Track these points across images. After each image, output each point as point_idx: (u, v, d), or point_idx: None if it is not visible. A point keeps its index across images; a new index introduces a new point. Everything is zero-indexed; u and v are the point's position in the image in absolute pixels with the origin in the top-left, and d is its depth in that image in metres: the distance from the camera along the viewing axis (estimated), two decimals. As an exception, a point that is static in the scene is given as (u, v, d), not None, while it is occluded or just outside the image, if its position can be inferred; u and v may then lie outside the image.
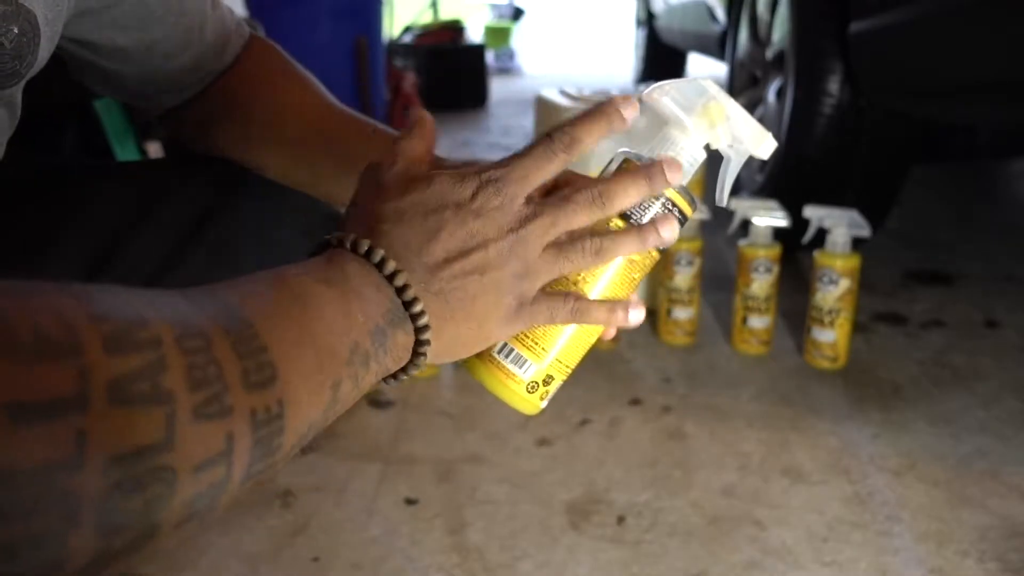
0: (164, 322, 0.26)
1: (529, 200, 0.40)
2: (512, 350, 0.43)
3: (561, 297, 0.41)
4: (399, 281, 0.36)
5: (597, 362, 1.24)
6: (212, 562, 0.81)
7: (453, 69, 4.07)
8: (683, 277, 1.24)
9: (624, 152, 0.46)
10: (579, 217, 0.40)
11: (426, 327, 0.37)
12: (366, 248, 0.37)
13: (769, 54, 1.74)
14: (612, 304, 0.43)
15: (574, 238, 0.40)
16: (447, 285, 0.38)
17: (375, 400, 1.12)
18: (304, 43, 3.03)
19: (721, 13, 2.37)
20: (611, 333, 0.45)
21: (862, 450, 0.99)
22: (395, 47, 4.20)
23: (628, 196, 0.41)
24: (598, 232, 0.41)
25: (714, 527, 0.85)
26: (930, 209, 2.06)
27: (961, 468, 0.95)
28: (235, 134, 0.60)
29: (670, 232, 0.42)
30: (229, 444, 0.27)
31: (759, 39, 1.84)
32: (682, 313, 1.27)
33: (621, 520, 0.86)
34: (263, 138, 0.60)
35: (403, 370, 0.39)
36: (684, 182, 0.45)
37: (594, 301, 0.42)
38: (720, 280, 1.53)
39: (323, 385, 0.32)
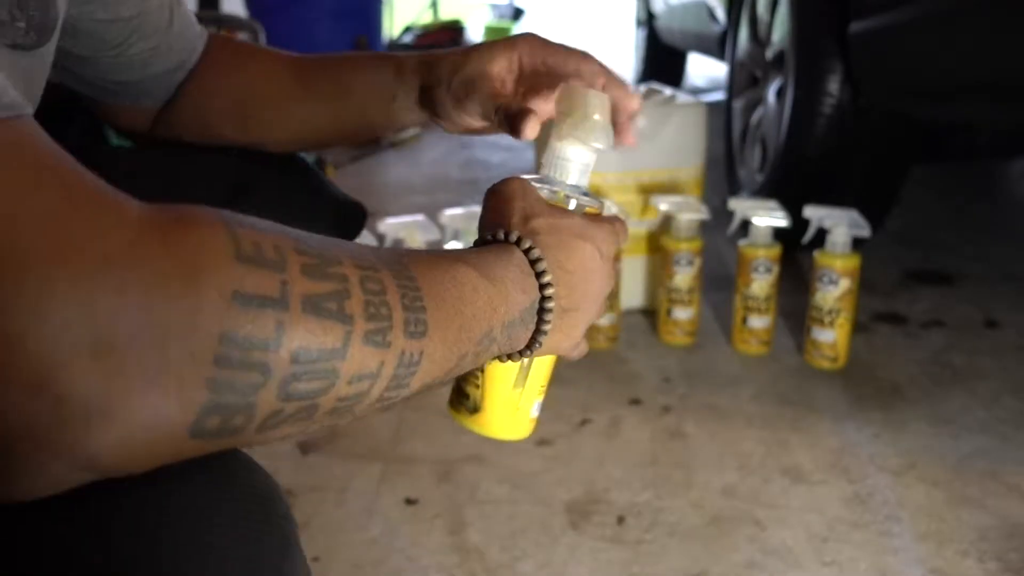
0: (352, 264, 0.32)
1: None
2: (536, 402, 0.54)
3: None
4: (548, 292, 0.43)
5: (597, 362, 1.24)
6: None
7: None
8: (683, 277, 1.24)
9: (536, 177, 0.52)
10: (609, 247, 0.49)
11: (545, 333, 0.44)
12: (536, 256, 0.43)
13: (769, 54, 1.74)
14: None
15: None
16: (573, 308, 0.45)
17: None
18: (304, 43, 3.03)
19: (721, 13, 2.37)
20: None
21: (862, 450, 0.99)
22: (395, 47, 4.20)
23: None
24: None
25: (714, 527, 0.85)
26: (930, 209, 2.06)
27: (961, 468, 0.95)
28: (239, 116, 0.61)
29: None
30: (379, 369, 0.33)
31: (759, 39, 1.84)
32: (682, 313, 1.27)
33: (621, 520, 0.86)
34: (251, 113, 0.62)
35: (509, 356, 0.45)
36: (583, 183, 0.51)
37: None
38: (720, 280, 1.53)
39: (453, 352, 0.38)
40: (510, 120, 0.52)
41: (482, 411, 0.53)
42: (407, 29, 4.47)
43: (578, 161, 0.50)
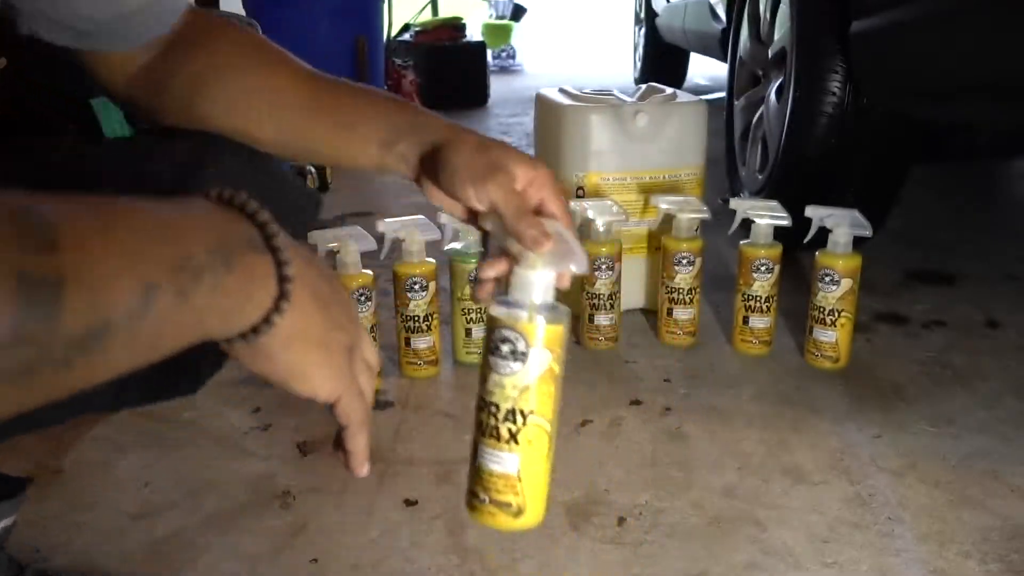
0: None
1: None
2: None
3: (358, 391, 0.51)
4: (261, 216, 0.37)
5: (597, 362, 1.23)
6: (210, 563, 0.81)
7: (453, 68, 4.06)
8: (683, 277, 1.24)
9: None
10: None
11: (289, 277, 0.38)
12: (229, 194, 0.37)
13: (770, 53, 1.73)
14: (363, 450, 0.53)
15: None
16: (312, 278, 0.41)
17: (375, 400, 1.12)
18: (304, 42, 3.02)
19: (723, 11, 2.36)
20: None
21: (863, 450, 0.98)
22: (395, 45, 4.19)
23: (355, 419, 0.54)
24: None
25: (714, 528, 0.85)
26: (931, 209, 2.05)
27: (962, 468, 0.95)
28: (223, 100, 0.60)
29: None
30: None
31: (760, 38, 1.84)
32: (682, 313, 1.26)
33: (621, 521, 0.86)
34: (254, 106, 0.61)
35: (258, 329, 0.38)
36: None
37: (362, 430, 0.53)
38: (721, 280, 1.52)
39: (126, 281, 0.31)
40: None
41: (527, 509, 0.58)
42: (407, 27, 4.46)
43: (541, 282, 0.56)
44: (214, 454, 1.00)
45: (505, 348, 0.56)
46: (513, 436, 0.56)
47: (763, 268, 1.19)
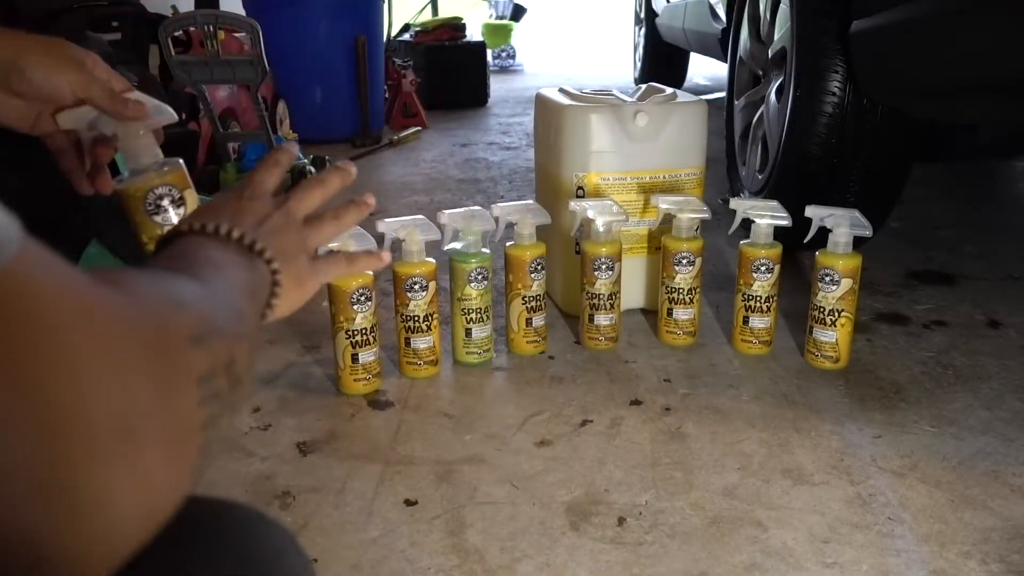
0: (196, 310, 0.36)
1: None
2: None
3: (333, 255, 0.59)
4: (235, 234, 0.48)
5: (597, 362, 1.23)
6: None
7: (453, 67, 4.06)
8: (684, 277, 1.24)
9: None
10: (310, 198, 0.57)
11: (272, 259, 0.49)
12: (205, 225, 0.47)
13: (770, 53, 1.73)
14: (368, 252, 0.63)
15: (318, 214, 0.58)
16: (267, 237, 0.50)
17: (375, 400, 1.12)
18: (303, 42, 3.02)
19: (723, 11, 2.36)
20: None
21: (864, 451, 0.98)
22: (395, 45, 4.19)
23: (332, 179, 0.60)
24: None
25: (715, 528, 0.85)
26: (932, 209, 2.05)
27: (963, 469, 0.94)
28: None
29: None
30: (249, 357, 0.38)
31: (760, 38, 1.84)
32: (683, 313, 1.26)
33: (621, 521, 0.86)
34: None
35: (270, 302, 0.50)
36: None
37: (359, 254, 0.62)
38: (721, 280, 1.52)
39: (250, 313, 0.43)
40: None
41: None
42: (407, 27, 4.46)
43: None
44: (214, 454, 1.00)
45: (166, 202, 0.68)
46: None
47: (763, 268, 1.19)
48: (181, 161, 0.71)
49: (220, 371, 0.34)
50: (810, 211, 1.17)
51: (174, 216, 0.68)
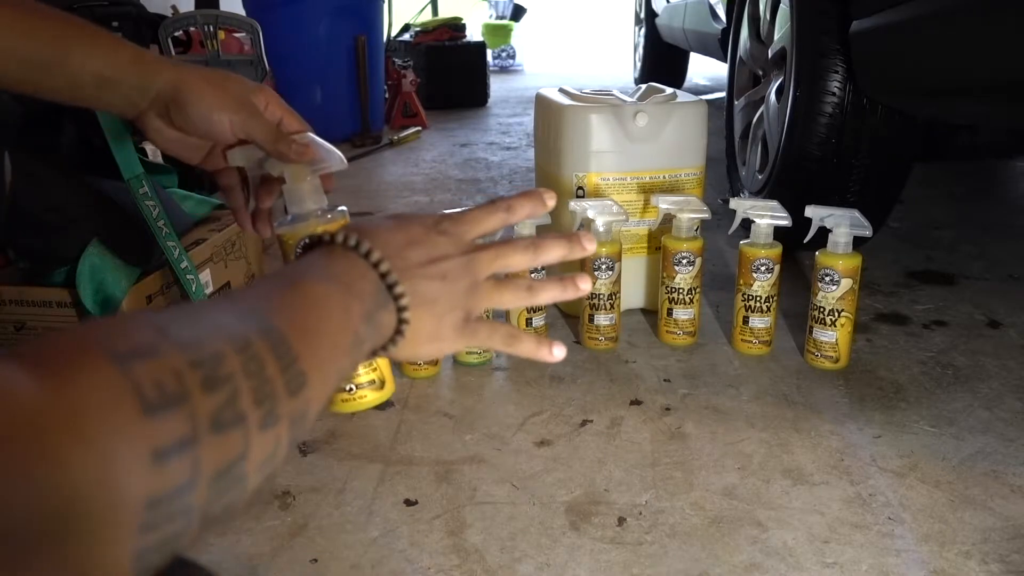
0: (231, 348, 0.31)
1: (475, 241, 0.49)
2: None
3: (500, 323, 0.51)
4: (383, 268, 0.43)
5: (597, 362, 1.23)
6: (210, 563, 0.80)
7: (453, 68, 4.06)
8: (684, 277, 1.24)
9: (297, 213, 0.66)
10: (516, 258, 0.49)
11: (405, 307, 0.44)
12: (355, 241, 0.43)
13: (770, 53, 1.73)
14: (538, 337, 0.52)
15: (511, 278, 0.50)
16: (419, 281, 0.45)
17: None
18: (303, 42, 3.02)
19: (723, 11, 2.36)
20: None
21: (864, 451, 0.98)
22: (395, 45, 4.20)
23: (555, 251, 0.51)
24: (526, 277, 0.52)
25: (715, 528, 0.85)
26: (932, 209, 2.05)
27: (963, 469, 0.94)
28: None
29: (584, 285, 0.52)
30: (277, 444, 0.33)
31: (760, 38, 1.84)
32: (682, 313, 1.26)
33: (621, 521, 0.86)
34: None
35: (383, 347, 0.45)
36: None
37: (525, 331, 0.52)
38: (721, 280, 1.52)
39: (332, 374, 0.38)
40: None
41: (387, 381, 0.63)
42: (407, 27, 4.46)
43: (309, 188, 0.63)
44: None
45: None
46: None
47: (763, 268, 1.19)
48: (345, 210, 0.67)
49: (202, 482, 0.27)
50: (810, 211, 1.17)
51: None
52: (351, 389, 0.66)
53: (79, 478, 0.23)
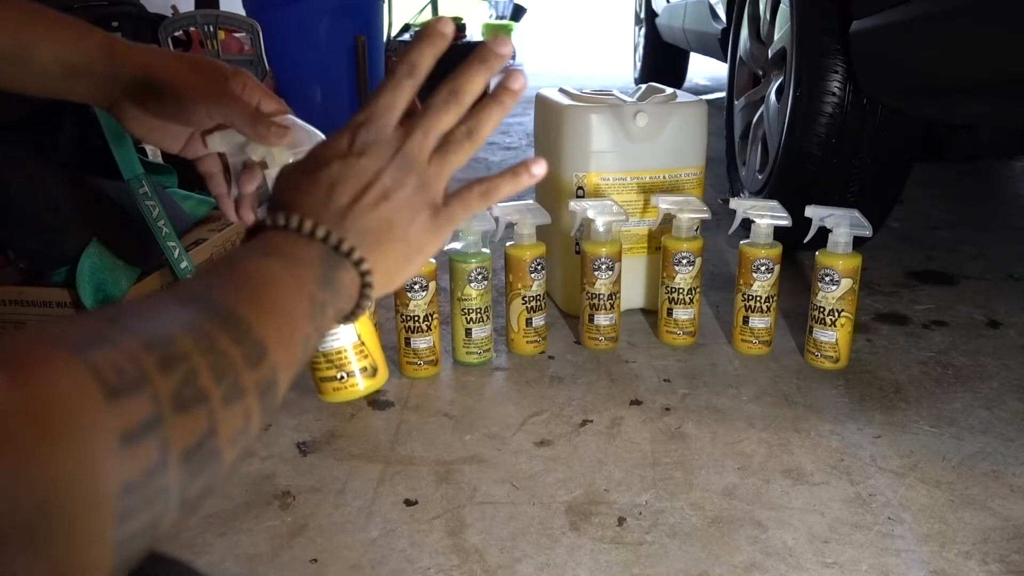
0: (183, 329, 0.31)
1: (397, 127, 0.45)
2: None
3: (467, 188, 0.48)
4: (319, 232, 0.41)
5: (597, 362, 1.23)
6: (210, 563, 0.80)
7: (453, 67, 4.05)
8: (683, 277, 1.24)
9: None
10: (443, 118, 0.45)
11: (362, 259, 0.42)
12: (283, 219, 0.41)
13: (770, 53, 1.73)
14: (514, 170, 0.49)
15: (447, 137, 0.46)
16: (362, 220, 0.43)
17: (375, 400, 1.12)
18: (303, 42, 3.02)
19: (723, 11, 2.36)
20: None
21: (864, 451, 0.98)
22: (395, 45, 4.19)
23: (475, 82, 0.46)
24: (462, 121, 0.47)
25: (715, 528, 0.85)
26: (932, 209, 2.05)
27: (963, 469, 0.94)
28: None
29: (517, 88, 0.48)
30: (248, 417, 0.33)
31: (760, 38, 1.84)
32: (682, 313, 1.26)
33: (621, 521, 0.86)
34: None
35: (358, 306, 0.44)
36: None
37: (497, 176, 0.48)
38: (721, 280, 1.52)
39: (297, 343, 0.38)
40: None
41: (380, 368, 0.64)
42: (407, 27, 4.46)
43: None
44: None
45: None
46: None
47: (763, 268, 1.19)
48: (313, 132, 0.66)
49: (173, 462, 0.27)
50: (810, 211, 1.17)
51: None
52: (342, 377, 0.65)
53: (52, 473, 0.23)
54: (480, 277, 1.18)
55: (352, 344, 0.67)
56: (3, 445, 0.22)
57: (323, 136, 0.59)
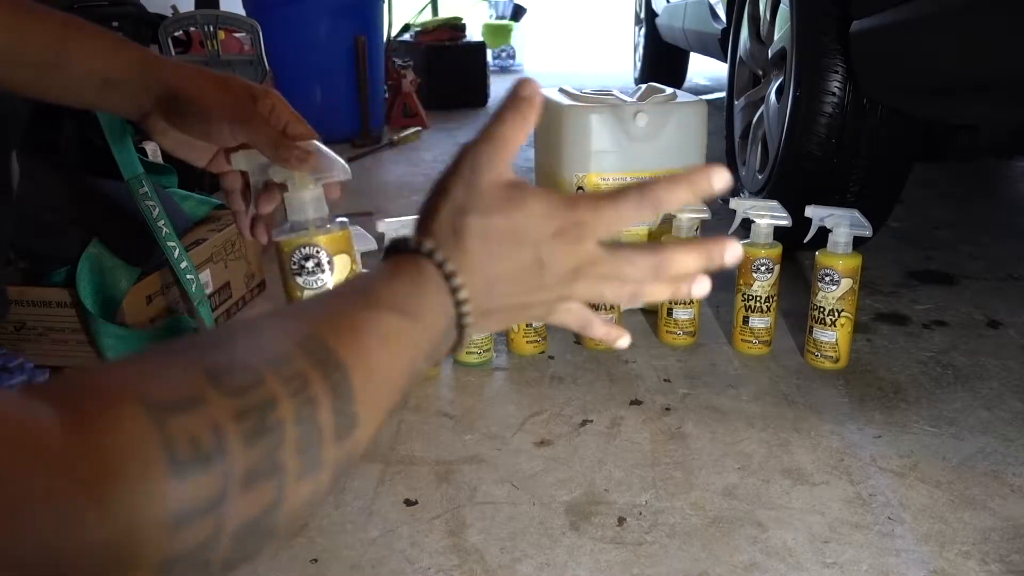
0: (286, 395, 0.29)
1: (597, 243, 0.42)
2: None
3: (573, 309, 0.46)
4: (463, 309, 0.40)
5: (597, 362, 1.23)
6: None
7: (453, 68, 4.06)
8: (684, 277, 1.24)
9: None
10: (634, 270, 0.43)
11: (464, 340, 0.41)
12: (443, 263, 0.40)
13: (770, 53, 1.73)
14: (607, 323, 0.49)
15: (616, 281, 0.44)
16: (493, 323, 0.42)
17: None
18: (303, 42, 3.02)
19: (723, 11, 2.36)
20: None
21: (864, 451, 0.98)
22: (395, 45, 4.19)
23: (687, 264, 0.45)
24: (630, 284, 0.45)
25: (715, 528, 0.85)
26: (932, 209, 2.05)
27: (963, 469, 0.94)
28: None
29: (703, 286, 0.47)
30: (315, 491, 0.31)
31: (760, 38, 1.84)
32: (682, 313, 1.26)
33: (621, 521, 0.86)
34: None
35: (456, 348, 0.43)
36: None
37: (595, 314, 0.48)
38: (721, 280, 1.52)
39: (384, 414, 0.36)
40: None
41: None
42: (407, 27, 4.46)
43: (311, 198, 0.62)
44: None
45: (310, 264, 0.62)
46: None
47: (763, 268, 1.19)
48: (346, 222, 0.65)
49: (225, 536, 0.26)
50: (810, 211, 1.17)
51: (316, 280, 0.61)
52: None
53: (91, 537, 0.22)
54: (480, 277, 1.18)
55: None
56: (51, 496, 0.21)
57: (347, 168, 0.60)
